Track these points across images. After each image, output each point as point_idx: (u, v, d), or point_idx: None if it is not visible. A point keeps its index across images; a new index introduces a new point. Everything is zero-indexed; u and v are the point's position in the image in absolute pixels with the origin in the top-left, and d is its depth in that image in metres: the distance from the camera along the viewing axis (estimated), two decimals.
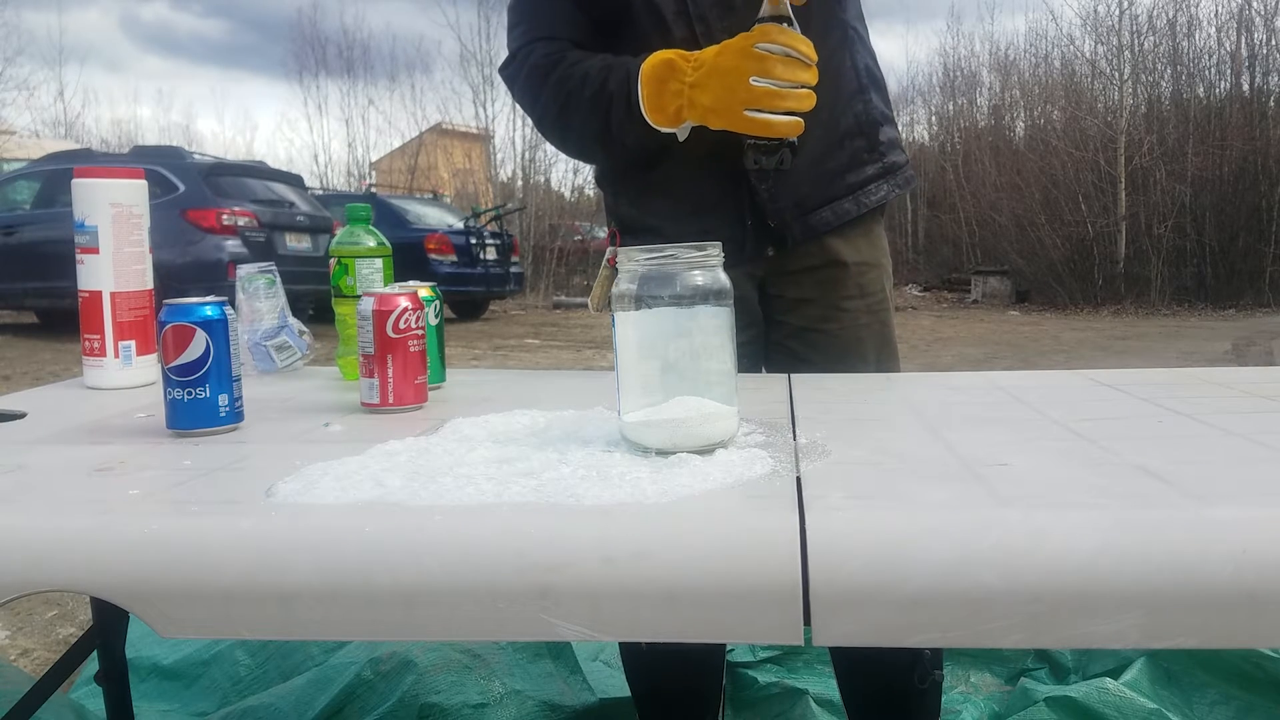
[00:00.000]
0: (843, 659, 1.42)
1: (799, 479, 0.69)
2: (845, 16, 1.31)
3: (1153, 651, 1.72)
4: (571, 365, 7.41)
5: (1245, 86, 15.02)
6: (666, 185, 1.31)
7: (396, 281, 1.12)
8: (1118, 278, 14.40)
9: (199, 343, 0.89)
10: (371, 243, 1.22)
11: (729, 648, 1.76)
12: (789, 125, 1.12)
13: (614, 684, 1.76)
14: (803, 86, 1.12)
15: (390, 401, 0.99)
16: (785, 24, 1.12)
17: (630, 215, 1.38)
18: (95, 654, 1.29)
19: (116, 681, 1.30)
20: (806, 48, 1.11)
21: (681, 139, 1.21)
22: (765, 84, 1.10)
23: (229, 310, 0.92)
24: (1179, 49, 15.56)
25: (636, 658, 1.48)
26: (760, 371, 1.36)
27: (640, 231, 1.35)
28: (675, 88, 1.16)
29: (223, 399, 0.90)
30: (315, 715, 1.63)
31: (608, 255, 1.39)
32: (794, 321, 1.36)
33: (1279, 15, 14.75)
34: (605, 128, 1.23)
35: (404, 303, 0.98)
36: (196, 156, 8.94)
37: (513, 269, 11.97)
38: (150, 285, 1.19)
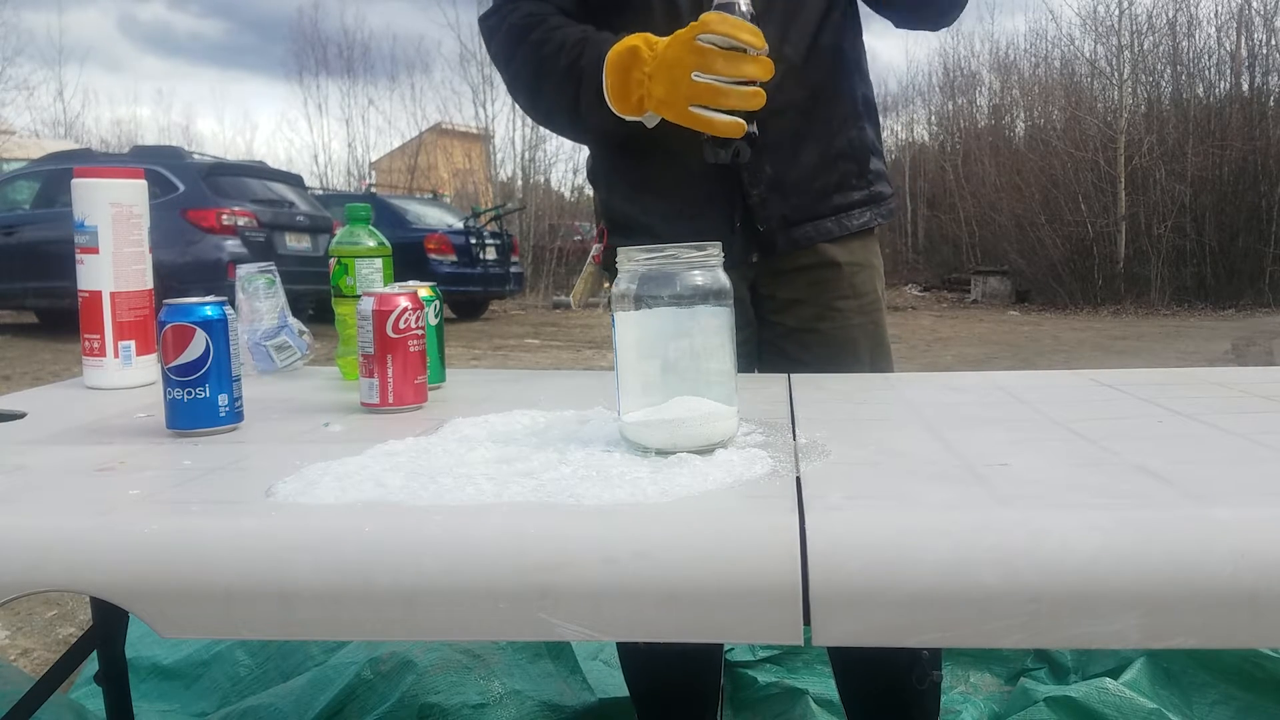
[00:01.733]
0: (841, 659, 1.42)
1: (799, 479, 0.69)
2: (846, 45, 1.33)
3: (1153, 651, 1.72)
4: (571, 365, 7.41)
5: (1245, 86, 15.02)
6: (659, 184, 1.31)
7: (396, 281, 1.12)
8: (1118, 278, 14.40)
9: (199, 343, 0.89)
10: (371, 243, 1.22)
11: (728, 647, 1.76)
12: (729, 125, 1.09)
13: (614, 683, 1.76)
14: (750, 82, 1.08)
15: (390, 401, 0.99)
16: (734, 10, 1.07)
17: (622, 212, 1.37)
18: (95, 654, 1.29)
19: (116, 681, 1.30)
20: (750, 36, 1.06)
21: (650, 126, 1.19)
22: (707, 80, 1.07)
23: (229, 310, 0.92)
24: (1179, 49, 15.56)
25: (635, 657, 1.48)
26: (753, 372, 1.36)
27: (632, 230, 1.35)
28: (637, 77, 1.13)
29: (223, 399, 0.90)
30: (315, 715, 1.63)
31: (593, 253, 1.39)
32: (787, 322, 1.36)
33: (1279, 15, 14.76)
34: (574, 105, 1.21)
35: (404, 303, 0.98)
36: (196, 156, 8.94)
37: (513, 269, 11.97)
38: (150, 285, 1.19)
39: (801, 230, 1.32)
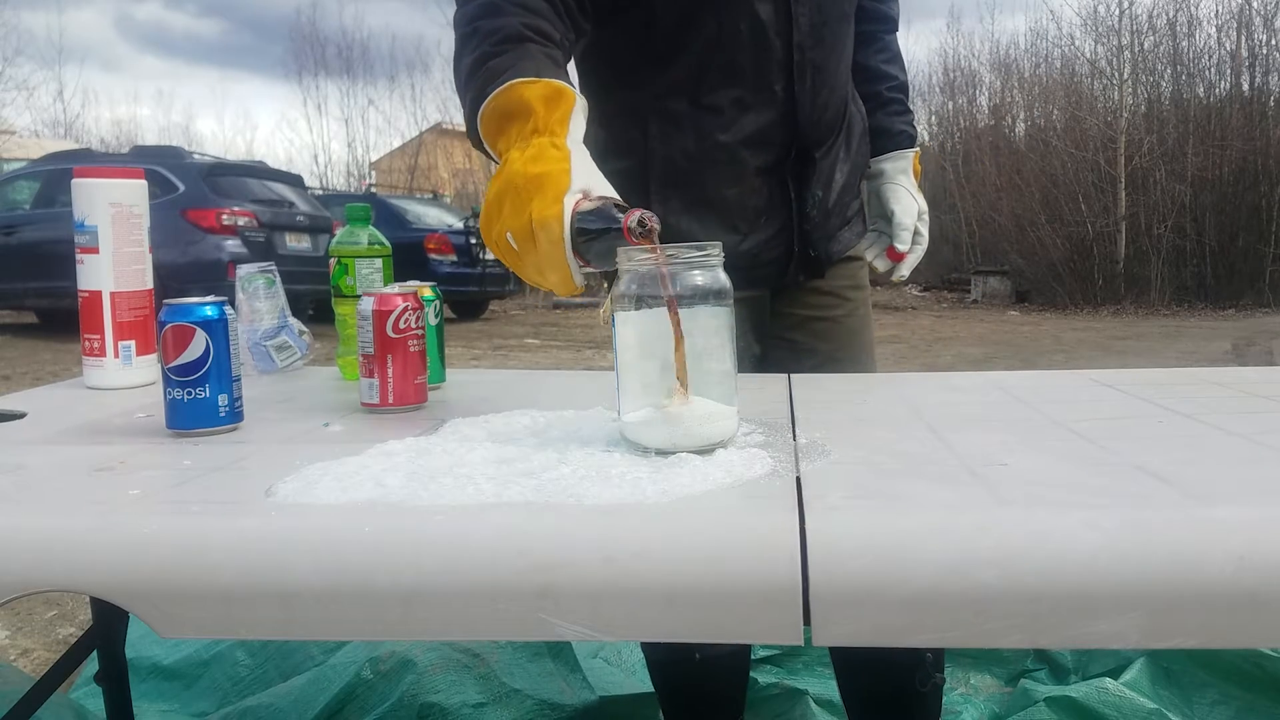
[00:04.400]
0: (843, 659, 1.42)
1: (799, 479, 0.69)
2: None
3: (1153, 651, 1.72)
4: (571, 365, 7.40)
5: (1245, 86, 15.00)
6: (716, 198, 1.28)
7: (396, 281, 1.12)
8: (1118, 278, 14.39)
9: (199, 343, 0.89)
10: (371, 243, 1.22)
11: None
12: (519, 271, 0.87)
13: (614, 682, 1.76)
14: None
15: (390, 401, 0.99)
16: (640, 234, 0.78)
17: (678, 227, 1.26)
18: (95, 654, 1.29)
19: (116, 681, 1.30)
20: (550, 269, 0.83)
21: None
22: (513, 245, 0.85)
23: (229, 310, 0.92)
24: (1179, 49, 15.54)
25: (659, 658, 1.47)
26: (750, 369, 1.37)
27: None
28: (513, 138, 0.90)
29: (222, 399, 0.90)
30: (315, 715, 1.63)
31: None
32: (800, 312, 1.39)
33: (1279, 15, 14.75)
34: (463, 90, 1.00)
35: (404, 303, 0.98)
36: (196, 156, 8.93)
37: None
38: (150, 285, 1.19)
39: (837, 244, 1.38)
